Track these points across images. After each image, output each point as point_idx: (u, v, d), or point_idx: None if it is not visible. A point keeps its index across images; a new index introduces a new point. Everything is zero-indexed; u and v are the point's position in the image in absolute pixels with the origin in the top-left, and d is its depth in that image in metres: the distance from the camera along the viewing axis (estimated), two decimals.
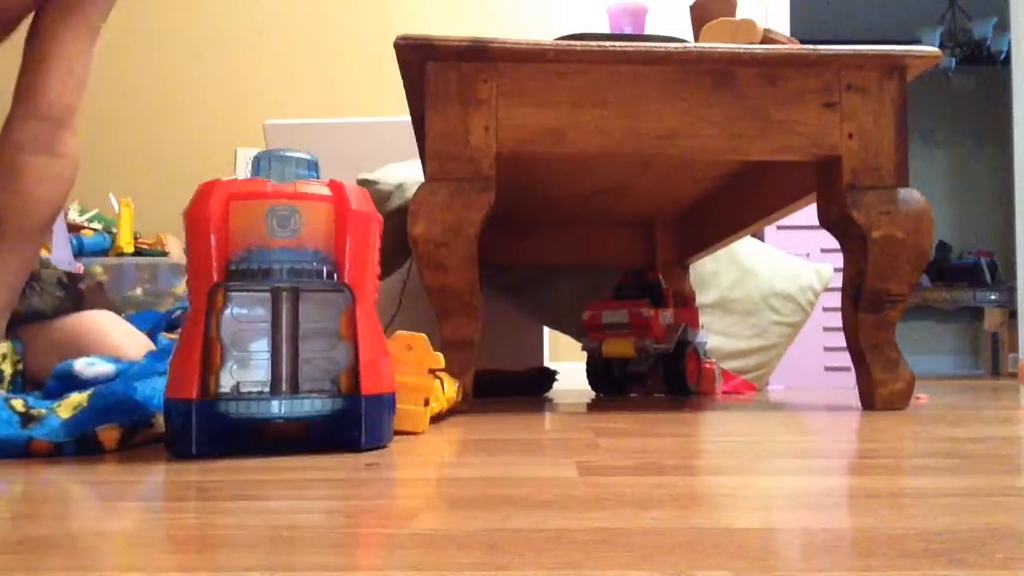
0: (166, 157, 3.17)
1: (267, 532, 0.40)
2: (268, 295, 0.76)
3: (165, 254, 2.68)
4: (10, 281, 0.90)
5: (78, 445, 0.73)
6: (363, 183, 1.91)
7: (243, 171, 2.88)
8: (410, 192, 1.85)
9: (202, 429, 0.71)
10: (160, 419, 0.78)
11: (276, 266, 0.73)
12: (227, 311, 0.75)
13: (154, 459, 0.71)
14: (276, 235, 0.73)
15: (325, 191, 0.75)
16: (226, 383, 0.74)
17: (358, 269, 0.76)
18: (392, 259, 1.92)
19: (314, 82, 3.22)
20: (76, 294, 1.10)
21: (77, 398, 0.76)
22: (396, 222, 1.78)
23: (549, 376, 2.09)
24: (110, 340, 1.04)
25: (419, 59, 1.24)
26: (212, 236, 0.73)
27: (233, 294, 0.75)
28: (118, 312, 1.16)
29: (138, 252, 2.66)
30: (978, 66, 6.18)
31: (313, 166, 0.79)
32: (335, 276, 0.75)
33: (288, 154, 0.78)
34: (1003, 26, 5.64)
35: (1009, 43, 3.81)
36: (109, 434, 0.75)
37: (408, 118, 1.53)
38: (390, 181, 1.91)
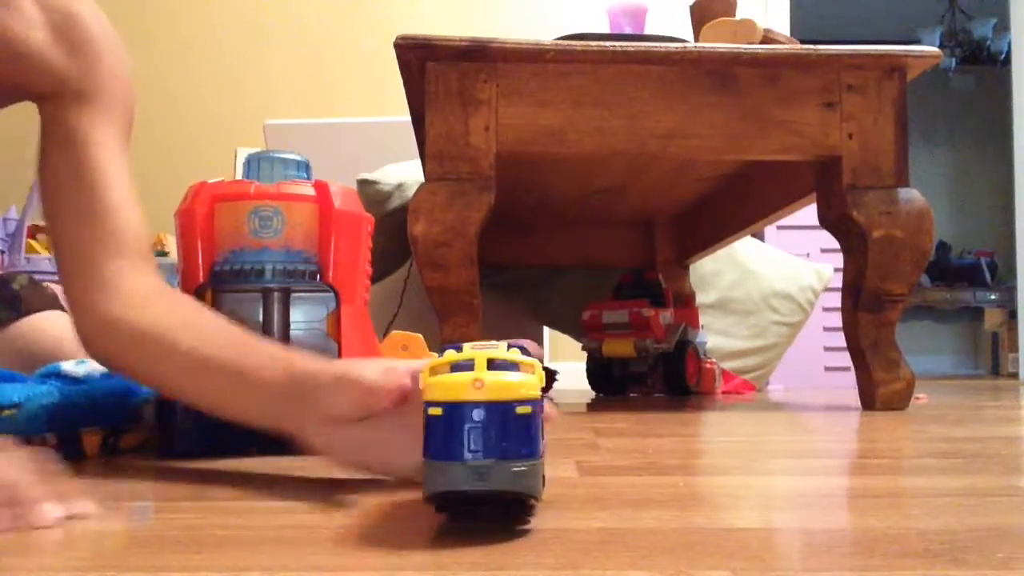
0: (166, 157, 3.17)
1: (267, 532, 0.40)
2: (257, 296, 0.75)
3: (165, 254, 2.68)
4: None
5: (60, 445, 0.71)
6: (363, 183, 1.91)
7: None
8: (410, 192, 1.85)
9: (189, 428, 0.71)
10: (145, 423, 0.77)
11: (258, 267, 0.73)
12: (219, 311, 0.75)
13: (152, 459, 0.71)
14: (259, 236, 0.73)
15: (309, 191, 0.75)
16: None
17: (344, 269, 0.76)
18: (392, 259, 1.92)
19: (314, 82, 3.22)
20: (10, 295, 0.95)
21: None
22: (396, 222, 1.78)
23: (549, 376, 2.09)
24: (65, 347, 0.89)
25: (419, 59, 1.24)
26: (198, 237, 0.73)
27: (223, 295, 0.75)
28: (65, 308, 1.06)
29: None
30: (978, 66, 6.17)
31: (303, 167, 0.79)
32: (319, 276, 0.75)
33: (276, 155, 0.78)
34: (1003, 26, 5.63)
35: (1009, 43, 3.81)
36: (92, 439, 0.73)
37: (408, 118, 1.53)
38: (390, 181, 1.91)
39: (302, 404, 0.53)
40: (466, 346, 0.43)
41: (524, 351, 0.43)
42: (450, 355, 0.42)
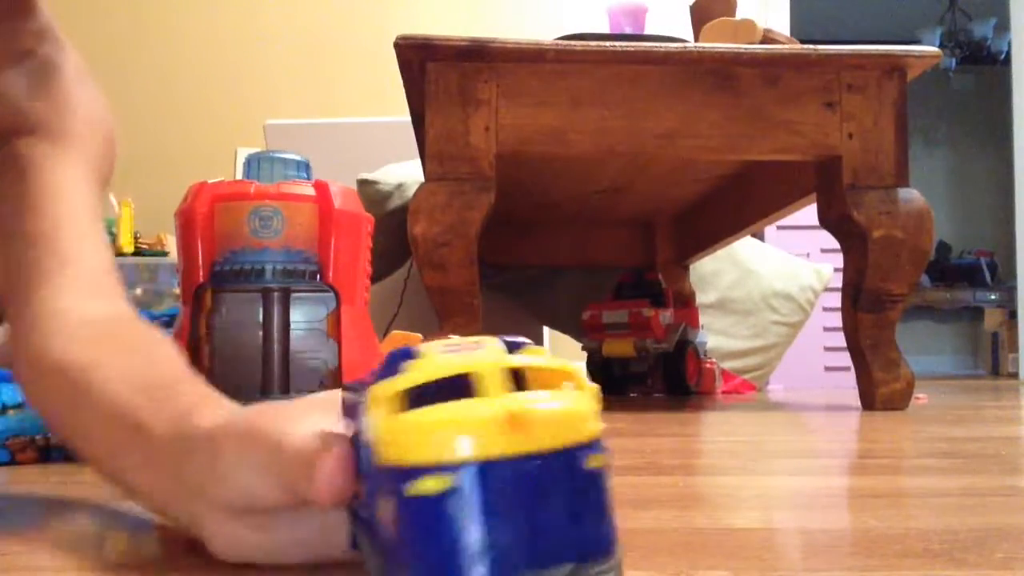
0: (166, 157, 3.17)
1: None
2: (257, 296, 0.76)
3: (165, 254, 2.68)
4: None
5: (60, 445, 0.70)
6: (363, 183, 1.91)
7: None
8: (410, 192, 1.85)
9: None
10: None
11: (258, 267, 0.73)
12: (218, 312, 0.75)
13: None
14: (259, 236, 0.73)
15: (309, 191, 0.75)
16: (215, 384, 0.74)
17: (344, 269, 0.76)
18: (392, 259, 1.92)
19: (314, 82, 3.22)
20: None
21: None
22: (396, 222, 1.78)
23: None
24: None
25: (419, 59, 1.24)
26: (198, 237, 0.73)
27: (223, 295, 0.75)
28: None
29: (138, 252, 2.66)
30: (978, 66, 6.18)
31: (303, 167, 0.79)
32: (319, 276, 0.75)
33: (276, 155, 0.78)
34: (1003, 26, 5.63)
35: (1009, 43, 3.81)
36: None
37: (408, 118, 1.53)
38: (390, 181, 1.91)
39: (189, 480, 0.33)
40: (429, 347, 0.23)
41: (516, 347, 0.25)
42: (423, 368, 0.22)
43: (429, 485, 0.21)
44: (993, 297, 5.74)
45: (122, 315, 0.49)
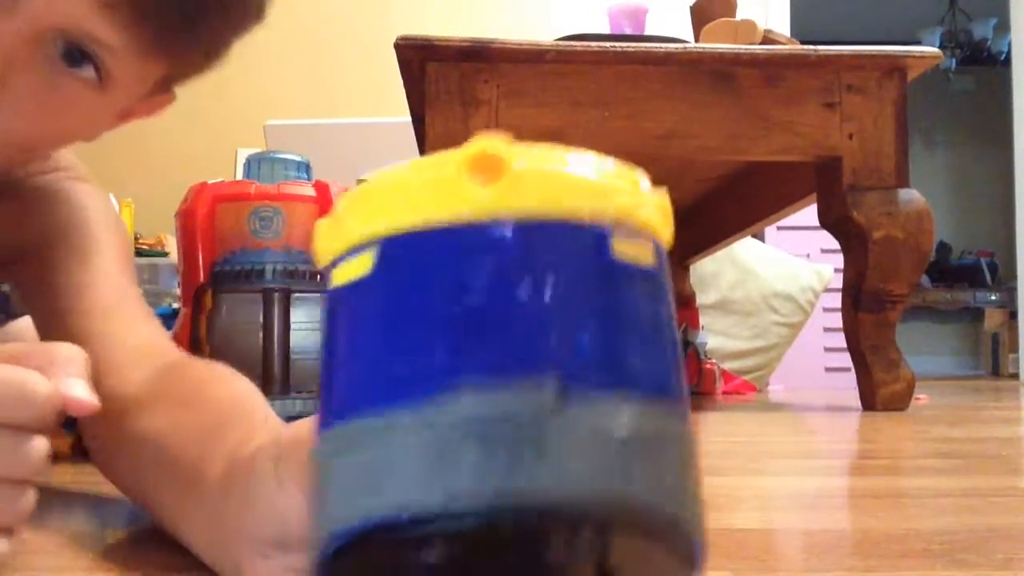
0: (166, 157, 3.17)
1: None
2: (258, 296, 0.76)
3: (165, 254, 2.68)
4: None
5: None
6: (363, 184, 1.91)
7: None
8: None
9: None
10: None
11: (258, 267, 0.73)
12: (218, 312, 0.75)
13: None
14: (260, 236, 0.74)
15: (309, 192, 0.76)
16: None
17: None
18: None
19: (314, 82, 3.22)
20: (0, 298, 0.94)
21: None
22: None
23: None
24: None
25: (419, 59, 1.24)
26: (199, 238, 0.73)
27: (223, 295, 0.75)
28: None
29: (138, 252, 2.66)
30: (978, 66, 6.17)
31: (303, 167, 0.79)
32: (320, 277, 0.75)
33: (277, 156, 0.78)
34: (1003, 27, 5.63)
35: (1009, 43, 3.81)
36: (62, 440, 0.70)
37: (408, 118, 1.54)
38: None
39: (229, 520, 0.30)
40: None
41: None
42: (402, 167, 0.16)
43: (348, 270, 0.15)
44: (993, 298, 5.74)
45: (171, 359, 0.47)
